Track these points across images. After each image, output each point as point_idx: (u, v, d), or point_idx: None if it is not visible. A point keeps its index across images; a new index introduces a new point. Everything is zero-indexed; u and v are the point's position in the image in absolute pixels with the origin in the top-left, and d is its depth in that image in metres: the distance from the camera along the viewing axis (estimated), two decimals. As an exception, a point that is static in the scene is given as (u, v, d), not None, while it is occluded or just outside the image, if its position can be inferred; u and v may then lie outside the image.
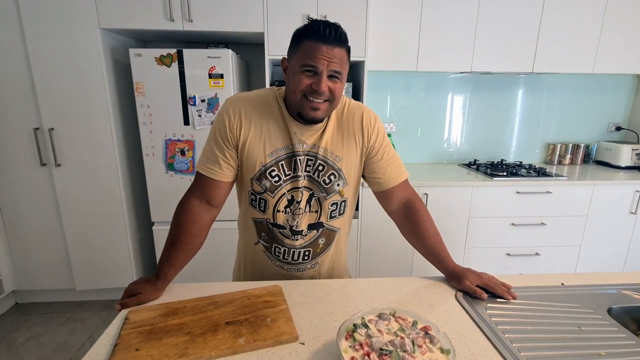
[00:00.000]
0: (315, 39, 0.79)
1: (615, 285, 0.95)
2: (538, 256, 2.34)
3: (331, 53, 0.80)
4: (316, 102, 0.83)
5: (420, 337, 0.64)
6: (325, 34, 0.79)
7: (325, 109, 0.85)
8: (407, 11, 2.18)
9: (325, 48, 0.79)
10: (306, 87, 0.82)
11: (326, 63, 0.80)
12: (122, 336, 0.71)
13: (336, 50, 0.80)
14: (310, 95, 0.83)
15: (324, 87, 0.81)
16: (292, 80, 0.84)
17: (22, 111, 1.98)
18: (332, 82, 0.82)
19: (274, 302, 0.83)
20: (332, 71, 0.81)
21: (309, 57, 0.80)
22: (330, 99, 0.84)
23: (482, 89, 2.65)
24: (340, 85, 0.84)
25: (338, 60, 0.81)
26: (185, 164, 2.09)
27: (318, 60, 0.80)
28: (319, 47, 0.79)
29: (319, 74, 0.81)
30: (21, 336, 2.01)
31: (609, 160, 2.64)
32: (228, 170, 0.92)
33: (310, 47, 0.80)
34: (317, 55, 0.80)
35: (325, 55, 0.80)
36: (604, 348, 0.71)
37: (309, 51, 0.80)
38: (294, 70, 0.83)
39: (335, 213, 0.98)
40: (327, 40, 0.79)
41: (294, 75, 0.83)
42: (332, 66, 0.81)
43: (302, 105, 0.84)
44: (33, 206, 2.12)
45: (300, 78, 0.82)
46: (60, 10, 1.86)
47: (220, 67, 1.97)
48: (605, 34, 2.29)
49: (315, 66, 0.80)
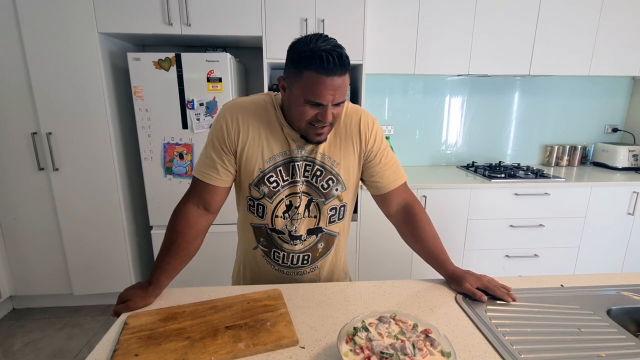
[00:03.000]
0: (319, 71, 0.75)
1: (614, 286, 0.95)
2: (537, 258, 2.34)
3: (335, 84, 0.76)
4: (320, 129, 0.84)
5: (420, 340, 0.64)
6: (330, 67, 0.74)
7: (327, 131, 0.87)
8: (405, 15, 2.19)
9: (330, 81, 0.75)
10: (311, 117, 0.81)
11: (332, 97, 0.78)
12: (121, 341, 0.71)
13: (341, 79, 0.77)
14: (315, 123, 0.82)
15: (329, 117, 0.80)
16: (296, 111, 0.82)
17: (20, 115, 1.97)
18: (336, 108, 0.82)
19: (273, 306, 0.83)
20: (337, 100, 0.80)
21: (313, 93, 0.77)
22: (333, 122, 0.85)
23: (480, 91, 2.66)
24: (342, 107, 0.85)
25: (343, 90, 0.79)
26: (184, 167, 2.09)
27: (323, 97, 0.77)
28: (323, 81, 0.75)
29: (324, 105, 0.79)
30: (18, 342, 1.99)
31: (606, 161, 2.66)
32: (225, 176, 0.92)
33: (314, 82, 0.76)
34: (322, 92, 0.76)
35: (330, 90, 0.77)
36: (604, 349, 0.71)
37: (313, 86, 0.76)
38: (297, 100, 0.80)
39: (334, 218, 0.98)
40: (331, 72, 0.75)
41: (297, 106, 0.81)
42: (338, 98, 0.79)
43: (307, 131, 0.85)
44: (30, 211, 2.11)
45: (304, 109, 0.80)
46: (58, 15, 1.86)
47: (219, 70, 1.97)
48: (600, 37, 2.31)
49: (321, 103, 0.78)
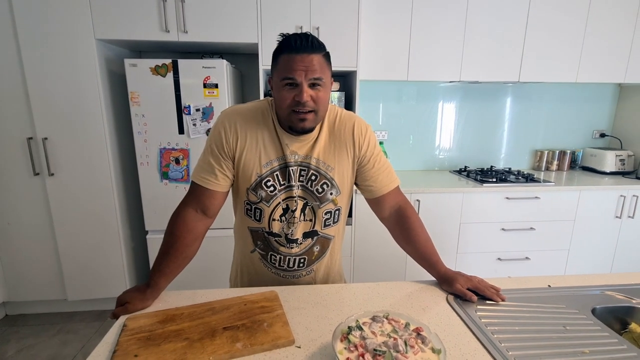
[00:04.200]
0: (289, 51, 0.82)
1: (599, 286, 0.99)
2: (528, 260, 2.38)
3: (306, 61, 0.81)
4: (302, 113, 0.85)
5: (412, 338, 0.66)
6: (297, 45, 0.81)
7: (312, 119, 0.87)
8: (398, 23, 2.24)
9: (300, 57, 0.81)
10: (291, 101, 0.84)
11: (304, 73, 0.82)
12: (120, 343, 0.72)
13: (311, 57, 0.82)
14: (295, 107, 0.85)
15: (305, 97, 0.83)
16: (277, 97, 0.87)
17: (16, 120, 1.98)
18: (314, 90, 0.84)
19: (270, 307, 0.85)
20: (312, 79, 0.83)
21: (286, 70, 0.82)
22: (315, 109, 0.86)
23: (472, 97, 2.72)
24: (323, 93, 0.86)
25: (316, 67, 0.82)
26: (180, 172, 2.10)
27: (295, 72, 0.82)
28: (294, 58, 0.81)
29: (299, 84, 0.83)
30: (11, 348, 1.98)
31: (595, 166, 2.72)
32: (224, 181, 0.94)
33: (286, 60, 0.82)
34: (293, 66, 0.81)
35: (301, 65, 0.81)
36: (588, 346, 0.74)
37: (286, 64, 0.82)
38: (277, 86, 0.86)
39: (329, 221, 1.00)
40: (300, 50, 0.81)
41: (278, 92, 0.86)
42: (310, 74, 0.82)
43: (290, 118, 0.87)
44: (25, 216, 2.10)
45: (283, 93, 0.85)
46: (55, 21, 1.88)
47: (215, 77, 2.00)
48: (586, 45, 2.38)
49: (294, 77, 0.82)
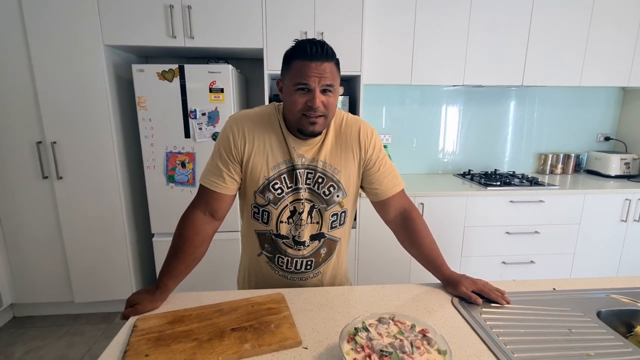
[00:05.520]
0: (304, 58, 0.84)
1: (604, 289, 0.99)
2: (533, 264, 2.38)
3: (320, 69, 0.85)
4: (313, 117, 0.88)
5: (418, 340, 0.67)
6: (313, 52, 0.84)
7: (322, 123, 0.91)
8: (401, 28, 2.26)
9: (314, 65, 0.84)
10: (302, 105, 0.87)
11: (317, 79, 0.85)
12: (131, 343, 0.74)
13: (325, 65, 0.85)
14: (307, 112, 0.88)
15: (318, 102, 0.86)
16: (288, 101, 0.89)
17: (25, 125, 2.01)
18: (325, 96, 0.88)
19: (277, 309, 0.86)
20: (324, 85, 0.86)
21: (300, 76, 0.85)
22: (325, 114, 0.89)
23: (475, 101, 2.73)
24: (333, 98, 0.89)
25: (328, 75, 0.86)
26: (186, 176, 2.12)
27: (309, 78, 0.85)
28: (308, 65, 0.84)
29: (312, 90, 0.86)
30: (19, 350, 2.00)
31: (599, 169, 2.71)
32: (231, 184, 0.96)
33: (301, 67, 0.85)
34: (307, 73, 0.84)
35: (315, 72, 0.84)
36: (593, 349, 0.74)
37: (300, 70, 0.85)
38: (289, 90, 0.88)
39: (335, 223, 1.02)
40: (315, 58, 0.84)
41: (290, 95, 0.88)
42: (323, 81, 0.85)
43: (301, 122, 0.90)
44: (33, 219, 2.13)
45: (295, 98, 0.87)
46: (65, 27, 1.92)
47: (221, 81, 2.02)
48: (590, 49, 2.39)
49: (307, 83, 0.85)
